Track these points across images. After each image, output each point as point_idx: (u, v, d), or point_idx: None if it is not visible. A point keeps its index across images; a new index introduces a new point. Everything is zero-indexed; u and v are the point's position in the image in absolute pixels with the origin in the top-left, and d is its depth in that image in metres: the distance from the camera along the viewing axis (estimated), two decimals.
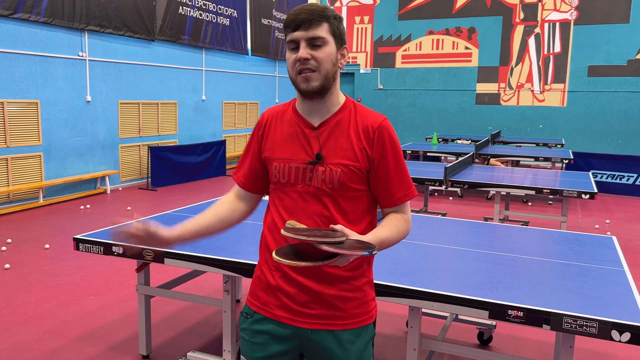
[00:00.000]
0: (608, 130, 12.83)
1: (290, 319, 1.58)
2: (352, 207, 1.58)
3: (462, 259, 2.64)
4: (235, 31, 11.72)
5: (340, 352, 1.57)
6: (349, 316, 1.58)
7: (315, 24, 1.50)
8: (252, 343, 1.63)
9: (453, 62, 14.25)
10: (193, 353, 3.10)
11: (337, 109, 1.61)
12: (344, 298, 1.57)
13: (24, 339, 3.48)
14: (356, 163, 1.55)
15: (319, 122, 1.59)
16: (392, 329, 3.72)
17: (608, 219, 7.43)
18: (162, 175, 9.29)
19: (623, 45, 12.53)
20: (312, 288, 1.55)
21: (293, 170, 1.57)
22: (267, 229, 1.65)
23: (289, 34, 1.53)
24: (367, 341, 1.62)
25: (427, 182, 5.49)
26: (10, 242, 5.70)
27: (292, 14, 1.51)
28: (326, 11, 1.52)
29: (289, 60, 1.54)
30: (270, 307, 1.61)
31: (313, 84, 1.52)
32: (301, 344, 1.60)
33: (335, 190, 1.55)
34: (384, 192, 1.61)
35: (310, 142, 1.58)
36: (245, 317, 1.66)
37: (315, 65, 1.51)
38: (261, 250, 1.68)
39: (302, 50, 1.50)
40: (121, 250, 2.79)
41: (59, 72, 7.89)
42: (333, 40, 1.53)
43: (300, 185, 1.57)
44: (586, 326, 1.92)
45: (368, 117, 1.60)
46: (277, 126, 1.64)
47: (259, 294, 1.64)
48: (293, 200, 1.58)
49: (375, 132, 1.58)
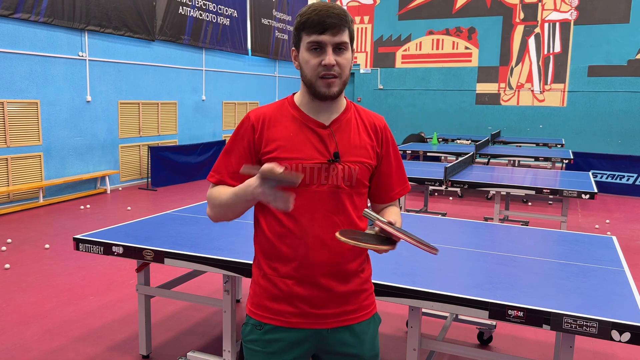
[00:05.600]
0: (608, 130, 12.83)
1: (307, 324, 1.57)
2: (361, 203, 1.63)
3: (462, 259, 2.64)
4: (235, 31, 11.72)
5: (357, 344, 1.62)
6: (361, 308, 1.63)
7: (342, 30, 1.49)
8: (265, 353, 1.58)
9: (453, 62, 14.24)
10: (193, 353, 3.10)
11: (344, 109, 1.63)
12: (356, 292, 1.62)
13: (24, 339, 3.48)
14: (369, 160, 1.61)
15: (329, 121, 1.59)
16: (392, 329, 3.72)
17: (608, 219, 7.43)
18: (162, 175, 9.29)
19: (623, 45, 12.53)
20: (328, 287, 1.56)
21: (307, 170, 1.53)
22: (273, 236, 1.57)
23: (311, 34, 1.49)
24: (376, 328, 1.70)
25: (427, 182, 5.49)
26: (10, 242, 5.70)
27: (317, 15, 1.47)
28: (347, 16, 1.52)
29: (310, 62, 1.50)
30: (284, 315, 1.57)
31: (334, 90, 1.52)
32: (317, 344, 1.60)
33: (353, 187, 1.58)
34: (384, 188, 1.68)
35: (324, 141, 1.56)
36: (258, 328, 1.60)
37: (338, 72, 1.51)
38: (264, 258, 1.61)
39: (330, 56, 1.48)
40: (121, 250, 2.79)
41: (59, 72, 7.89)
42: (350, 44, 1.54)
43: (316, 185, 1.54)
44: (586, 326, 1.92)
45: (371, 117, 1.67)
46: (278, 126, 1.57)
47: (267, 304, 1.59)
48: (307, 200, 1.53)
49: (382, 131, 1.66)
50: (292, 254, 1.55)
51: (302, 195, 1.53)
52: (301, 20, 1.51)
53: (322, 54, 1.50)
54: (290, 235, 1.55)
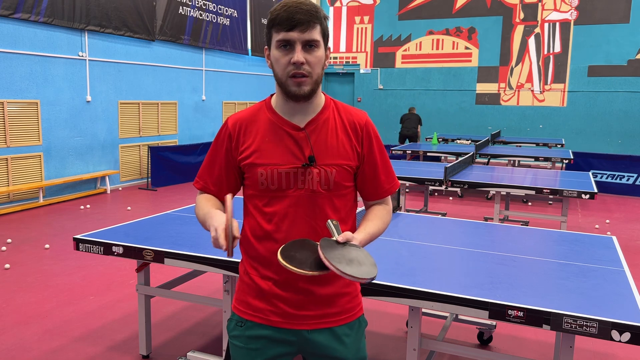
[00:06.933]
0: (608, 130, 12.83)
1: (287, 323, 1.57)
2: (343, 204, 1.59)
3: (462, 259, 2.64)
4: (235, 31, 11.72)
5: (338, 347, 1.59)
6: (344, 311, 1.60)
7: (311, 26, 1.45)
8: (248, 349, 1.59)
9: (453, 62, 14.24)
10: (193, 353, 3.09)
11: (321, 108, 1.58)
12: (338, 295, 1.59)
13: (24, 339, 3.48)
14: (348, 161, 1.56)
15: (304, 122, 1.55)
16: (392, 329, 3.72)
17: (608, 219, 7.43)
18: (162, 175, 9.29)
19: (623, 45, 12.53)
20: (308, 290, 1.55)
21: (283, 176, 1.51)
22: (253, 238, 1.58)
23: (280, 31, 1.45)
24: (362, 331, 1.66)
25: (427, 182, 5.48)
26: (10, 242, 5.70)
27: (285, 11, 1.43)
28: (319, 12, 1.47)
29: (280, 61, 1.47)
30: (264, 313, 1.57)
31: (305, 89, 1.48)
32: (299, 344, 1.60)
33: (330, 190, 1.54)
34: (371, 186, 1.63)
35: (299, 144, 1.52)
36: (239, 325, 1.61)
37: (308, 71, 1.47)
38: (247, 258, 1.62)
39: (298, 53, 1.44)
40: (121, 250, 2.79)
41: (59, 72, 7.89)
42: (323, 42, 1.50)
43: (292, 189, 1.52)
44: (586, 326, 1.92)
45: (352, 114, 1.60)
46: (253, 131, 1.56)
47: (249, 300, 1.60)
48: (284, 205, 1.53)
49: (363, 129, 1.59)
50: (271, 257, 1.54)
51: (280, 200, 1.53)
52: (271, 17, 1.47)
53: (292, 52, 1.45)
54: (269, 239, 1.55)
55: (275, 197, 1.53)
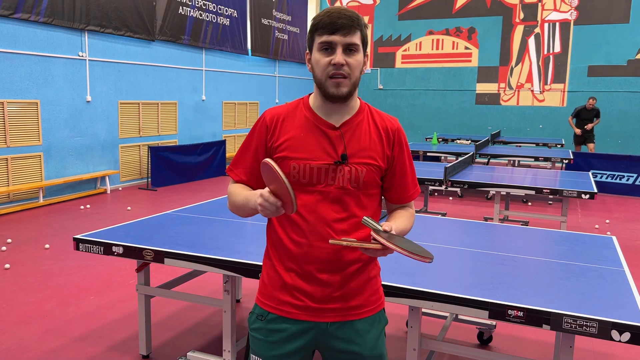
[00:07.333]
0: (608, 130, 12.83)
1: (309, 316, 1.60)
2: (369, 203, 1.64)
3: (462, 259, 2.64)
4: (235, 31, 11.72)
5: (357, 341, 1.62)
6: (365, 305, 1.65)
7: (352, 31, 1.53)
8: (267, 342, 1.64)
9: (453, 62, 14.25)
10: (193, 353, 3.10)
11: (356, 111, 1.65)
12: (361, 288, 1.63)
13: (24, 339, 3.48)
14: (378, 162, 1.62)
15: (340, 122, 1.61)
16: (392, 329, 3.73)
17: (608, 219, 7.43)
18: (162, 175, 9.29)
19: (623, 45, 12.53)
20: (332, 283, 1.59)
21: (315, 171, 1.58)
22: (281, 229, 1.63)
23: (323, 35, 1.53)
24: (381, 329, 1.69)
25: (427, 182, 5.49)
26: (10, 242, 5.70)
27: (329, 16, 1.52)
28: (360, 19, 1.56)
29: (321, 62, 1.55)
30: (286, 306, 1.62)
31: (343, 90, 1.55)
32: (318, 338, 1.62)
33: (360, 188, 1.60)
34: (399, 190, 1.70)
35: (333, 142, 1.59)
36: (260, 318, 1.66)
37: (347, 72, 1.54)
38: (273, 250, 1.67)
39: (339, 55, 1.52)
40: (121, 250, 2.79)
41: (59, 72, 7.89)
42: (362, 47, 1.57)
43: (322, 185, 1.58)
44: (586, 326, 1.92)
45: (385, 119, 1.68)
46: (289, 126, 1.62)
47: (273, 293, 1.64)
48: (313, 199, 1.58)
49: (395, 134, 1.67)
50: (296, 249, 1.59)
51: (309, 194, 1.59)
52: (314, 22, 1.56)
53: (332, 54, 1.54)
54: (296, 230, 1.60)
55: (305, 191, 1.59)
